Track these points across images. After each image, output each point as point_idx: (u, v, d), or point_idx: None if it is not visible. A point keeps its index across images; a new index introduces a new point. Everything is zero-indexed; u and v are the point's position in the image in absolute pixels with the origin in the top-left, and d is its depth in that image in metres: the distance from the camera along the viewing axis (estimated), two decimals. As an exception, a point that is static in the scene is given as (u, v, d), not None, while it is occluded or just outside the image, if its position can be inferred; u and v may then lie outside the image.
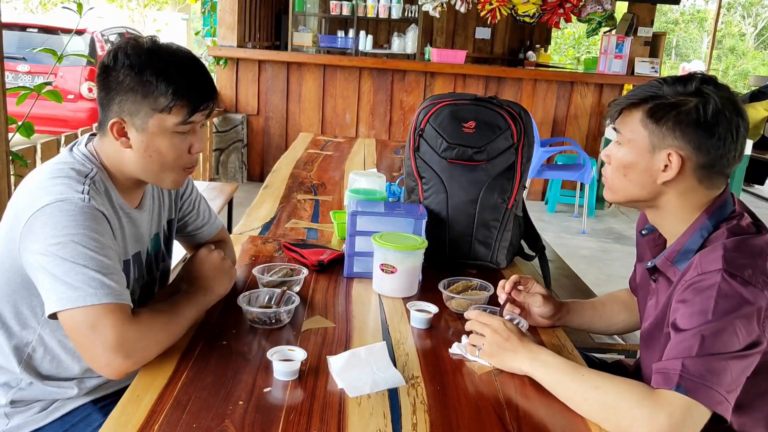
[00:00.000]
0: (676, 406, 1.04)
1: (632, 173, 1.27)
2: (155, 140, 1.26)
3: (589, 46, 17.87)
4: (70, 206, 1.17)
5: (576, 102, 5.99)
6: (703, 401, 1.04)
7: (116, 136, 1.26)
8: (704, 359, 1.07)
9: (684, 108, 1.20)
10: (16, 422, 1.33)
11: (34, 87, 2.50)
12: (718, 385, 1.06)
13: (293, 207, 2.31)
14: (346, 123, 5.96)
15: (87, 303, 1.11)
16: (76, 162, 1.28)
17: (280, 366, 1.16)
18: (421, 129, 1.82)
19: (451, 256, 1.82)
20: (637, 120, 1.25)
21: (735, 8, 22.34)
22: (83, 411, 1.36)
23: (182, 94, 1.23)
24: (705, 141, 1.20)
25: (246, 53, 5.82)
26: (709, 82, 1.23)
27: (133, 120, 1.24)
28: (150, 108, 1.23)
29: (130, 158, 1.28)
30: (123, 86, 1.23)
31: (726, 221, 1.23)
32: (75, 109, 6.76)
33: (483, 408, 1.13)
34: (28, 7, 16.31)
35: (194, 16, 15.31)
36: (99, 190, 1.26)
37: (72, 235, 1.14)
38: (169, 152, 1.28)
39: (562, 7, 5.93)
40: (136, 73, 1.22)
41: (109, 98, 1.25)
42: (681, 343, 1.11)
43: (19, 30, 7.16)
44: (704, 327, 1.09)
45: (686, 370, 1.06)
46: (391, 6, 6.66)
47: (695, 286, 1.15)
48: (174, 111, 1.24)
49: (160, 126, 1.25)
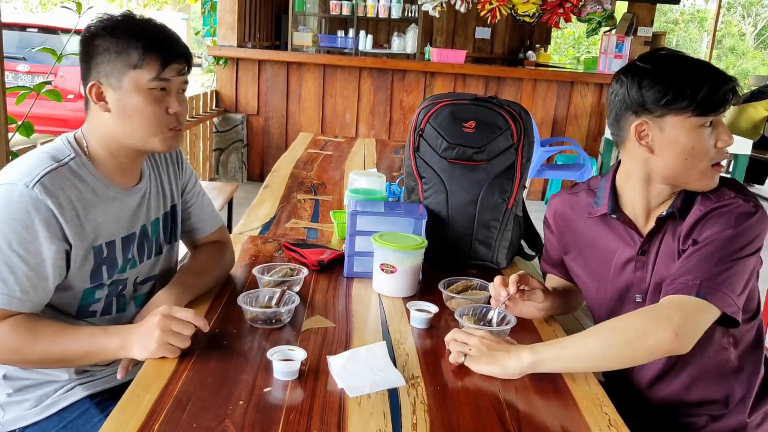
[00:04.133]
0: (689, 306, 1.18)
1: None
2: (131, 98, 1.29)
3: (589, 46, 17.87)
4: (9, 193, 1.20)
5: (576, 102, 5.99)
6: (715, 303, 1.19)
7: (95, 100, 1.30)
8: (720, 268, 1.22)
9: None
10: (12, 415, 1.34)
11: (34, 86, 2.50)
12: (732, 292, 1.21)
13: (293, 207, 2.31)
14: (346, 123, 5.96)
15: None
16: (57, 146, 1.32)
17: (280, 366, 1.16)
18: (421, 129, 1.82)
19: (451, 256, 1.82)
20: None
21: (735, 8, 22.35)
22: (81, 406, 1.36)
23: (153, 48, 1.28)
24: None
25: (246, 53, 5.82)
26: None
27: (109, 80, 1.29)
28: (123, 65, 1.28)
29: (113, 123, 1.31)
30: (98, 49, 1.28)
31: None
32: (75, 109, 6.75)
33: (483, 408, 1.13)
34: (28, 7, 16.32)
35: (194, 16, 15.31)
36: (68, 175, 1.27)
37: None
38: (146, 109, 1.30)
39: (562, 6, 5.93)
40: (110, 34, 1.28)
41: (88, 67, 1.30)
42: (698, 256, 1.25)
43: (19, 30, 7.15)
44: (719, 242, 1.24)
45: (705, 279, 1.20)
46: (391, 6, 6.66)
47: (711, 215, 1.29)
48: (146, 65, 1.28)
49: (134, 83, 1.28)
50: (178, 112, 1.34)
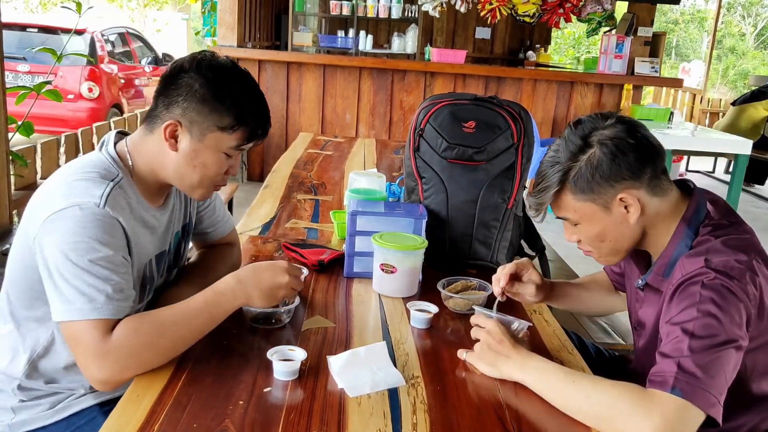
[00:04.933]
0: (670, 407, 1.04)
1: (609, 235, 1.30)
2: (205, 154, 1.29)
3: (589, 46, 17.87)
4: (83, 213, 1.18)
5: (576, 102, 5.99)
6: (697, 403, 1.04)
7: (167, 137, 1.28)
8: (696, 357, 1.07)
9: (594, 162, 1.24)
10: (22, 417, 1.34)
11: (34, 86, 2.50)
12: (712, 387, 1.06)
13: (293, 207, 2.31)
14: (346, 123, 5.96)
15: (72, 318, 1.14)
16: (103, 164, 1.29)
17: (280, 366, 1.16)
18: (421, 129, 1.82)
19: (451, 256, 1.82)
20: (571, 200, 1.28)
21: (735, 8, 22.33)
22: (89, 413, 1.36)
23: (246, 121, 1.29)
24: (632, 167, 1.23)
25: (246, 53, 5.82)
26: (584, 124, 1.27)
27: (191, 127, 1.27)
28: (213, 123, 1.27)
29: (172, 161, 1.30)
30: (194, 94, 1.26)
31: (704, 224, 1.26)
32: (75, 109, 6.76)
33: (483, 408, 1.13)
34: (28, 7, 16.31)
35: (194, 16, 15.30)
36: (120, 195, 1.26)
37: (77, 244, 1.16)
38: (212, 168, 1.31)
39: (562, 7, 5.93)
40: (213, 88, 1.26)
41: (173, 99, 1.27)
42: (672, 341, 1.11)
43: (19, 30, 7.16)
44: (692, 323, 1.11)
45: (681, 371, 1.06)
46: (391, 6, 6.66)
47: (682, 286, 1.17)
48: (234, 134, 1.29)
49: (216, 143, 1.29)
50: (235, 173, 1.37)
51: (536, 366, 1.20)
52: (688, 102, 10.03)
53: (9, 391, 1.34)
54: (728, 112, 7.56)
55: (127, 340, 1.15)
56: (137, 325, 1.17)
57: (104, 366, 1.14)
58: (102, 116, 6.79)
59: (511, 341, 1.25)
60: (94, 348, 1.14)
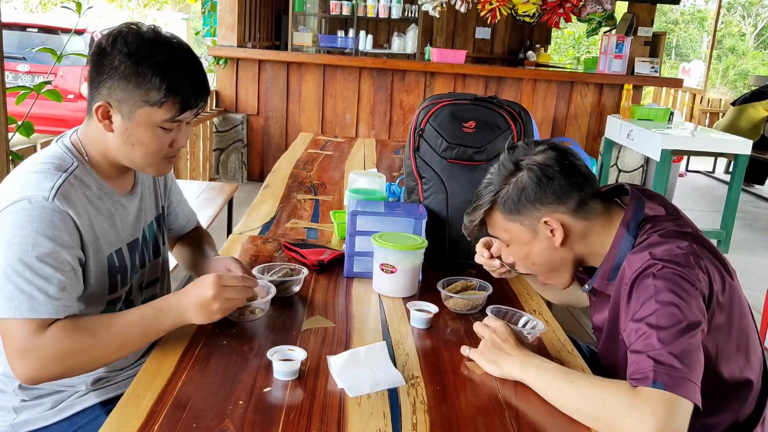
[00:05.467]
0: (660, 402, 1.04)
1: (536, 257, 1.36)
2: (139, 130, 1.26)
3: (589, 46, 17.87)
4: (32, 206, 1.17)
5: (576, 102, 5.99)
6: (682, 393, 1.05)
7: (100, 118, 1.25)
8: (668, 348, 1.09)
9: (521, 185, 1.31)
10: (24, 417, 1.34)
11: (34, 86, 2.50)
12: (691, 374, 1.07)
13: (293, 207, 2.31)
14: (346, 123, 5.96)
15: (8, 315, 1.14)
16: (58, 154, 1.28)
17: (280, 366, 1.16)
18: (421, 129, 1.82)
19: (451, 256, 1.82)
20: (501, 220, 1.35)
21: (735, 8, 22.34)
22: (92, 413, 1.36)
23: (175, 91, 1.23)
24: (557, 192, 1.29)
25: (246, 53, 5.82)
26: (518, 150, 1.33)
27: (120, 106, 1.24)
28: (140, 99, 1.23)
29: (113, 143, 1.29)
30: (117, 72, 1.22)
31: (642, 225, 1.30)
32: (75, 109, 6.76)
33: (483, 408, 1.13)
34: (28, 7, 16.32)
35: (194, 16, 15.31)
36: (75, 186, 1.25)
37: (24, 238, 1.15)
38: (151, 144, 1.28)
39: (562, 6, 5.93)
40: (133, 62, 1.21)
41: (99, 80, 1.24)
42: (641, 338, 1.13)
43: (19, 30, 7.16)
44: (654, 315, 1.13)
45: (658, 363, 1.08)
46: (391, 6, 6.66)
47: (636, 282, 1.20)
48: (164, 107, 1.24)
49: (147, 118, 1.24)
50: (182, 146, 1.33)
51: (537, 365, 1.20)
52: (688, 102, 10.04)
53: (10, 392, 1.34)
54: (728, 112, 7.56)
55: (58, 342, 1.15)
56: (71, 330, 1.16)
57: (28, 364, 1.14)
58: (102, 116, 6.79)
59: (515, 340, 1.26)
60: (22, 345, 1.14)
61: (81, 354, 1.17)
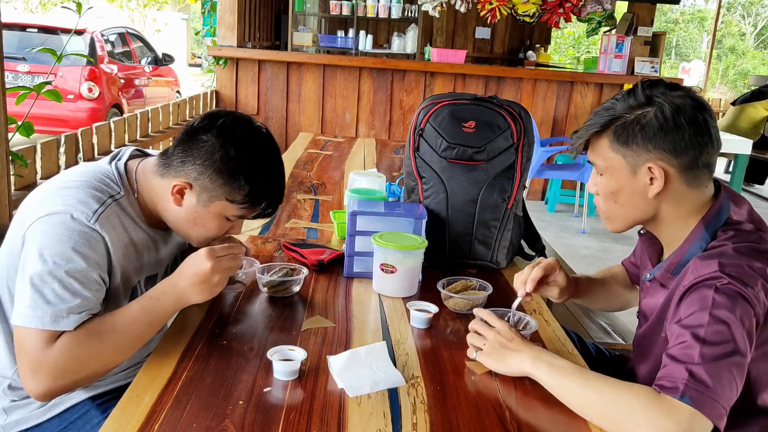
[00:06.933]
0: (683, 415, 1.02)
1: (622, 197, 1.29)
2: (209, 217, 1.30)
3: (589, 46, 17.87)
4: (73, 222, 1.19)
5: (576, 102, 5.99)
6: (707, 414, 1.02)
7: (173, 192, 1.28)
8: (707, 366, 1.05)
9: (644, 120, 1.22)
10: (15, 418, 1.34)
11: (34, 87, 2.50)
12: (721, 397, 1.04)
13: (293, 207, 2.31)
14: (346, 123, 5.96)
15: (31, 325, 1.14)
16: (109, 176, 1.30)
17: (280, 366, 1.16)
18: (421, 129, 1.82)
19: (451, 256, 1.82)
20: (606, 147, 1.27)
21: (735, 8, 22.34)
22: (82, 408, 1.36)
23: (258, 201, 1.30)
24: (677, 143, 1.21)
25: (246, 53, 5.82)
26: (657, 86, 1.25)
27: (200, 192, 1.28)
28: (224, 194, 1.28)
29: (172, 213, 1.31)
30: (211, 162, 1.26)
31: (723, 229, 1.23)
32: (75, 109, 6.77)
33: (483, 408, 1.13)
34: (28, 7, 16.32)
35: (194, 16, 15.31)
36: (115, 213, 1.26)
37: (59, 251, 1.16)
38: (212, 230, 1.33)
39: (562, 6, 5.93)
40: (231, 161, 1.25)
41: (190, 160, 1.28)
42: (682, 345, 1.09)
43: (19, 30, 7.16)
44: (703, 328, 1.08)
45: (691, 377, 1.04)
46: (391, 6, 6.66)
47: (694, 288, 1.15)
48: (241, 208, 1.30)
49: (221, 210, 1.30)
50: (235, 233, 1.38)
51: (549, 361, 1.18)
52: (688, 102, 10.01)
53: (0, 393, 1.34)
54: (728, 112, 7.56)
55: (69, 351, 1.15)
56: (79, 336, 1.17)
57: (40, 381, 1.15)
58: (102, 116, 6.80)
59: (521, 338, 1.25)
60: (33, 358, 1.14)
61: (91, 360, 1.18)
